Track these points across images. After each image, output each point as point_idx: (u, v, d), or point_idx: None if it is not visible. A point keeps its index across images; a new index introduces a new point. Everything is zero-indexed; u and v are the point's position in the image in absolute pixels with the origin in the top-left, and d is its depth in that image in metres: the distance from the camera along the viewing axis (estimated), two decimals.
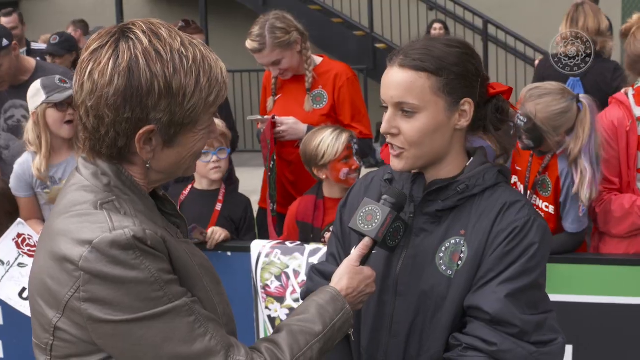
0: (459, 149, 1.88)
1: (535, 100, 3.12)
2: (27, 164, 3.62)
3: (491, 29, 10.64)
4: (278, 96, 3.95)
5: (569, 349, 3.16)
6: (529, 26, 10.34)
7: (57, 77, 3.60)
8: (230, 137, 3.66)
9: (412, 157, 1.82)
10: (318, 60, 3.93)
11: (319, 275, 2.03)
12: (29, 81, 4.01)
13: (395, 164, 1.84)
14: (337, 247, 2.03)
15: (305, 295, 2.03)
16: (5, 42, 4.05)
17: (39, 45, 6.88)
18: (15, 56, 4.14)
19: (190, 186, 3.68)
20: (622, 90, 3.27)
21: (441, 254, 1.82)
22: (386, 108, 1.83)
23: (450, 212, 1.84)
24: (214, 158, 3.52)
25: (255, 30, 3.73)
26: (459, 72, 1.80)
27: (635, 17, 3.31)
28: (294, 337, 1.62)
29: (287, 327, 1.65)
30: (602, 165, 3.10)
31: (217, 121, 3.42)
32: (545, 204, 3.25)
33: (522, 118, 3.11)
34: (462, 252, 1.80)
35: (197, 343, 1.47)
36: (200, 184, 3.66)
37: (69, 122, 3.53)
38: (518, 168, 3.37)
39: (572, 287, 3.16)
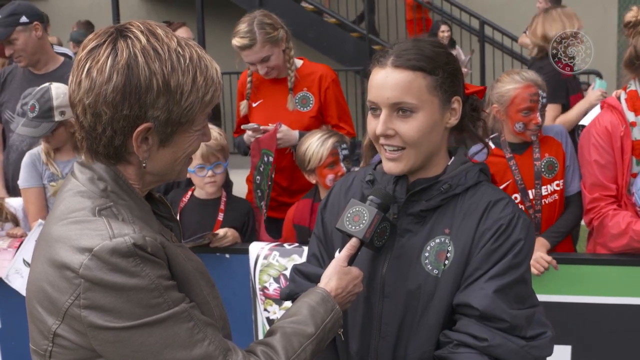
0: (445, 148, 1.91)
1: (538, 76, 3.36)
2: (37, 155, 3.70)
3: (487, 30, 10.65)
4: (259, 102, 3.91)
5: (567, 350, 3.17)
6: (525, 27, 10.34)
7: (29, 104, 3.55)
8: (229, 150, 3.63)
9: (412, 157, 1.82)
10: (299, 62, 3.92)
11: (301, 276, 2.04)
12: (54, 73, 4.19)
13: (392, 166, 1.84)
14: (318, 248, 2.05)
15: (287, 296, 2.05)
16: (24, 19, 4.20)
17: (60, 49, 7.09)
18: (36, 37, 4.24)
19: (190, 192, 3.65)
20: (614, 94, 3.25)
21: (426, 254, 1.83)
22: (375, 110, 1.83)
23: (433, 212, 1.86)
24: (210, 173, 3.49)
25: (243, 27, 3.72)
26: (450, 71, 1.83)
27: None
28: (287, 339, 1.63)
29: (280, 329, 1.65)
30: (597, 170, 3.11)
31: (216, 134, 3.42)
32: (556, 182, 3.36)
33: (544, 95, 3.32)
34: (448, 251, 1.82)
35: (197, 348, 1.47)
36: (199, 192, 3.63)
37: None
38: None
39: (569, 287, 3.16)
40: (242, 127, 3.85)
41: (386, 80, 1.79)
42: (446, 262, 1.81)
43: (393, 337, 1.86)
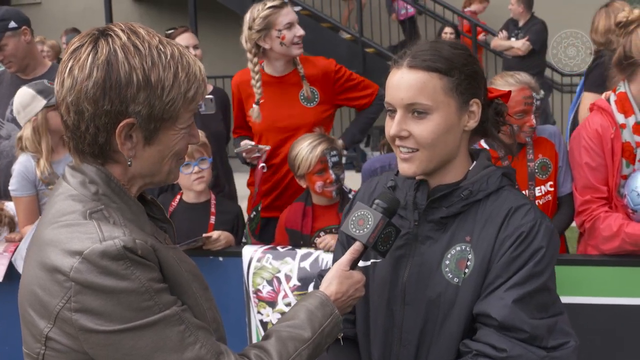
0: (465, 152, 1.87)
1: (531, 79, 3.38)
2: (29, 162, 3.67)
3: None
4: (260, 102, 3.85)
5: None
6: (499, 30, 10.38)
7: (46, 80, 3.61)
8: (210, 147, 3.60)
9: (425, 159, 1.78)
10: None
11: None
12: (42, 77, 4.12)
13: (405, 168, 1.81)
14: (342, 254, 2.00)
15: None
16: (13, 24, 4.18)
17: None
18: (25, 41, 4.23)
19: (178, 197, 3.64)
20: (603, 96, 3.25)
21: (447, 261, 1.80)
22: (391, 112, 1.81)
23: (454, 218, 1.82)
24: (196, 169, 3.48)
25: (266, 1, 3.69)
26: (468, 73, 1.79)
27: (637, 11, 3.22)
28: (282, 343, 1.62)
29: (276, 333, 1.65)
30: (588, 173, 3.13)
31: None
32: (550, 183, 3.37)
33: (538, 97, 3.33)
34: (468, 259, 1.78)
35: (188, 352, 1.47)
36: (188, 196, 3.62)
37: None
38: None
39: (561, 288, 3.15)
40: (235, 151, 3.79)
41: (401, 81, 1.77)
42: (466, 270, 1.78)
43: (414, 346, 1.84)
